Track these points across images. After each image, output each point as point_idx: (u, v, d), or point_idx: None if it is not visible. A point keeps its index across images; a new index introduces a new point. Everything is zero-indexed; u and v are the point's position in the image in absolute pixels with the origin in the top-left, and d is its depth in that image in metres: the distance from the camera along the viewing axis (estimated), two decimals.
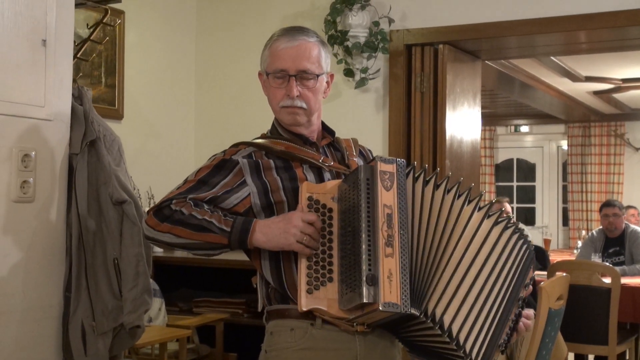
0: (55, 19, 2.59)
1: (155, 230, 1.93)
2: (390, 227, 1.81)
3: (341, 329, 1.93)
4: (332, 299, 1.86)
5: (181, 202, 1.93)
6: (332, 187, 1.95)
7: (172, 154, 4.88)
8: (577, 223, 10.21)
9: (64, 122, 2.63)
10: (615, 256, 6.03)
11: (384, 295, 1.75)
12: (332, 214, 1.92)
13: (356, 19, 4.39)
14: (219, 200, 1.96)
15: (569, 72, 7.25)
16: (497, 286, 1.92)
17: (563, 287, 3.66)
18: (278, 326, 1.99)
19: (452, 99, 4.44)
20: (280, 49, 2.03)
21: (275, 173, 2.00)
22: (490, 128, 10.88)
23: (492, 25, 4.28)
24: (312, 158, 2.04)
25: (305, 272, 1.87)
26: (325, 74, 2.08)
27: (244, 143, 2.08)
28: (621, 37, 4.41)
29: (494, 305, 1.90)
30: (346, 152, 2.14)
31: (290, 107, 2.04)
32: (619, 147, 10.15)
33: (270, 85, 2.06)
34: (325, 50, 2.09)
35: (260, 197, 1.98)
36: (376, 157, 1.89)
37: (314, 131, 2.11)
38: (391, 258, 1.78)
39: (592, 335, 4.95)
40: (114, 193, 2.63)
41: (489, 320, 1.89)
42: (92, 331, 2.59)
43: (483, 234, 1.94)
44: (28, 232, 2.52)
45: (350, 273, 1.81)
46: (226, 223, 1.90)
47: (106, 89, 4.38)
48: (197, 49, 5.05)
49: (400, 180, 1.87)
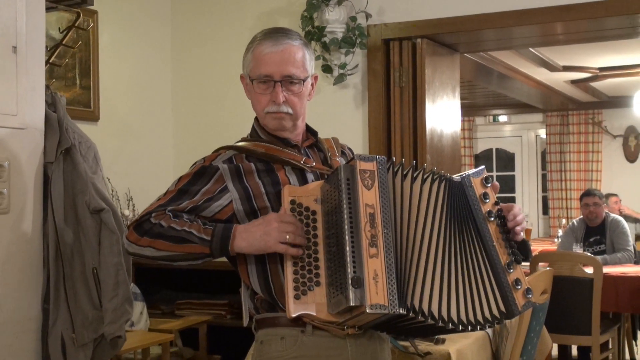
0: (26, 25, 2.53)
1: (136, 245, 1.91)
2: (373, 226, 1.79)
3: (332, 333, 1.91)
4: (321, 303, 1.84)
5: (160, 215, 1.91)
6: (314, 188, 1.93)
7: (150, 155, 4.82)
8: (557, 211, 10.26)
9: (38, 130, 2.57)
10: (596, 245, 6.06)
11: (370, 297, 1.72)
12: (316, 217, 1.89)
13: (333, 15, 4.35)
14: (200, 209, 1.94)
15: (547, 62, 7.26)
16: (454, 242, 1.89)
17: (547, 282, 3.66)
18: (268, 335, 1.97)
19: (431, 93, 4.41)
20: (265, 54, 2.00)
21: (257, 177, 1.98)
22: (469, 119, 10.89)
23: (470, 19, 4.26)
24: (293, 159, 2.01)
25: (292, 278, 1.85)
26: (310, 77, 2.06)
27: (224, 147, 2.05)
28: (598, 28, 4.41)
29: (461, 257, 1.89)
30: (328, 152, 2.12)
31: (276, 112, 2.01)
32: (597, 135, 10.20)
33: (254, 90, 2.04)
34: (309, 52, 2.07)
35: (242, 203, 1.96)
36: (356, 156, 1.86)
37: (299, 134, 2.10)
38: (376, 258, 1.76)
39: (575, 325, 4.97)
40: (91, 201, 2.58)
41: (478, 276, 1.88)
42: (72, 343, 2.54)
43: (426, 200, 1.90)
44: (3, 244, 2.46)
45: (337, 276, 1.80)
46: (206, 232, 1.88)
47: (81, 90, 4.30)
48: (173, 47, 4.98)
49: (382, 178, 1.85)
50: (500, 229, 1.94)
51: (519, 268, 1.92)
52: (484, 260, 1.91)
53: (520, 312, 1.89)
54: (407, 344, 2.88)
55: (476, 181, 1.97)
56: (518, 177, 11.09)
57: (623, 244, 5.89)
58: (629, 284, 5.15)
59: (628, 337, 6.06)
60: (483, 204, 1.94)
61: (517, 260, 1.92)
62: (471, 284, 1.88)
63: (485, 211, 1.94)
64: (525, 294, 1.90)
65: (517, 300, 1.89)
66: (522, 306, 1.89)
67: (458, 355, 2.91)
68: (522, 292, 1.89)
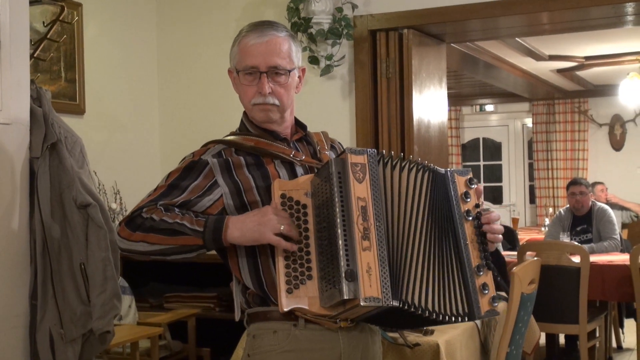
0: (9, 19, 2.50)
1: (128, 240, 1.91)
2: (365, 219, 1.79)
3: (324, 327, 1.92)
4: (313, 296, 1.84)
5: (152, 209, 1.91)
6: (305, 182, 1.92)
7: (137, 147, 4.79)
8: (544, 200, 10.30)
9: (23, 126, 2.55)
10: (583, 234, 6.08)
11: (364, 290, 1.73)
12: (307, 210, 1.89)
13: (319, 6, 4.33)
14: (191, 204, 1.94)
15: (533, 51, 7.28)
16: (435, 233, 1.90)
17: (535, 271, 3.67)
18: (260, 329, 1.97)
19: (418, 84, 4.41)
20: (250, 45, 1.99)
21: (246, 171, 1.97)
22: (456, 108, 10.90)
23: (456, 9, 4.26)
24: (282, 153, 2.01)
25: (283, 272, 1.85)
26: (296, 69, 2.05)
27: (213, 141, 2.04)
28: (583, 18, 4.42)
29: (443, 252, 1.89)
30: (318, 146, 2.12)
31: (263, 104, 2.01)
32: (583, 123, 10.24)
33: (241, 82, 2.03)
34: (295, 44, 2.06)
35: (233, 197, 1.96)
36: (346, 149, 1.86)
37: (287, 127, 2.09)
38: (369, 251, 1.76)
39: (562, 314, 5.00)
40: (78, 196, 2.56)
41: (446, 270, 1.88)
42: (60, 339, 2.53)
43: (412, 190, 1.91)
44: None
45: (329, 269, 1.80)
46: (198, 223, 1.88)
47: (66, 84, 4.27)
48: (159, 39, 4.95)
49: (373, 171, 1.85)
50: (476, 231, 1.93)
51: (490, 274, 1.91)
52: (455, 258, 1.91)
53: (482, 317, 1.88)
54: (396, 336, 2.89)
55: (460, 179, 1.97)
56: (505, 166, 11.12)
57: (609, 233, 5.93)
58: (615, 273, 5.18)
59: (615, 325, 6.11)
60: (463, 202, 1.94)
61: (489, 266, 1.91)
62: (443, 279, 1.88)
63: (464, 210, 1.94)
64: (491, 301, 1.88)
65: (481, 305, 1.88)
66: (485, 312, 1.87)
67: (447, 346, 2.92)
68: (488, 298, 1.88)
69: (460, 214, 1.93)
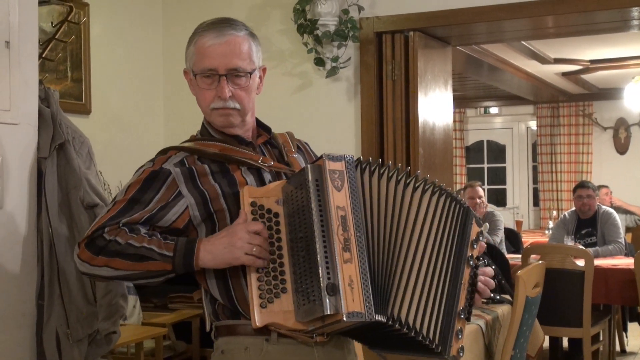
0: (19, 20, 2.51)
1: (90, 264, 1.77)
2: (345, 230, 1.68)
3: (298, 340, 1.80)
4: (288, 310, 1.74)
5: (114, 230, 1.77)
6: (275, 188, 1.81)
7: (142, 147, 4.80)
8: (548, 203, 10.29)
9: (31, 126, 2.55)
10: (588, 237, 6.09)
11: (347, 304, 1.63)
12: (279, 219, 1.78)
13: (325, 7, 4.34)
14: (155, 219, 1.81)
15: (538, 54, 7.28)
16: (440, 257, 1.80)
17: (539, 275, 3.68)
18: (230, 344, 1.85)
19: (423, 86, 4.42)
20: (208, 46, 1.89)
21: (212, 179, 1.85)
22: (460, 110, 10.90)
23: (462, 12, 4.26)
24: (250, 159, 1.90)
25: (256, 285, 1.74)
26: (257, 69, 1.94)
27: (173, 148, 1.93)
28: (589, 21, 4.43)
29: (441, 277, 1.79)
30: (284, 148, 2.01)
31: (223, 108, 1.89)
32: (588, 126, 10.23)
33: (198, 85, 1.92)
34: (255, 44, 1.95)
35: (199, 208, 1.84)
36: (323, 155, 1.74)
37: (249, 130, 1.98)
38: (350, 263, 1.66)
39: (566, 317, 5.00)
40: (85, 197, 2.57)
41: (438, 295, 1.78)
42: (66, 339, 2.53)
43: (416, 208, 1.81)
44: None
45: (306, 282, 1.69)
46: (167, 247, 1.76)
47: (72, 83, 4.28)
48: (164, 39, 4.96)
49: (351, 178, 1.74)
50: (470, 280, 1.84)
51: (466, 324, 1.84)
52: (449, 291, 1.81)
53: (446, 357, 1.79)
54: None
55: (475, 227, 1.87)
56: (509, 168, 11.12)
57: (614, 236, 5.93)
58: (619, 276, 5.19)
59: (618, 329, 6.11)
60: (471, 248, 1.85)
61: (467, 317, 1.83)
62: (433, 304, 1.78)
63: (469, 254, 1.84)
64: (459, 350, 1.81)
65: (453, 346, 1.80)
66: (451, 355, 1.80)
67: None
68: (458, 345, 1.81)
69: (465, 257, 1.83)
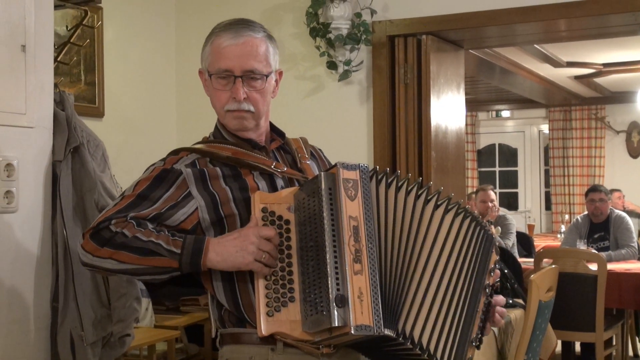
0: (34, 23, 2.52)
1: (93, 256, 1.73)
2: (357, 240, 1.65)
3: (304, 351, 1.75)
4: (295, 320, 1.71)
5: (122, 222, 1.73)
6: (287, 195, 1.78)
7: (155, 150, 4.77)
8: (560, 207, 10.27)
9: (47, 129, 2.57)
10: (600, 241, 6.06)
11: (356, 317, 1.60)
12: (290, 227, 1.75)
13: (338, 11, 4.34)
14: (163, 217, 1.78)
15: (550, 58, 7.26)
16: (460, 281, 1.78)
17: (552, 279, 3.67)
18: (235, 353, 1.82)
19: (436, 90, 4.41)
20: (224, 47, 1.86)
21: (223, 182, 1.82)
22: (472, 114, 10.89)
23: (475, 15, 4.26)
24: (263, 164, 1.86)
25: (264, 293, 1.71)
26: (273, 72, 1.91)
27: (185, 149, 1.91)
28: (602, 25, 4.41)
29: (460, 302, 1.77)
30: (298, 154, 1.98)
31: (237, 110, 1.87)
32: (600, 130, 10.20)
33: (213, 86, 1.89)
34: (273, 46, 1.92)
35: (209, 211, 1.80)
36: (337, 164, 1.71)
37: (262, 134, 1.95)
38: (360, 275, 1.63)
39: (579, 322, 4.98)
40: (100, 200, 2.58)
41: (455, 320, 1.76)
42: (81, 341, 2.54)
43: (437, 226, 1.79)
44: (12, 243, 2.45)
45: (315, 292, 1.66)
46: (175, 244, 1.72)
47: (86, 87, 4.30)
48: (177, 43, 4.98)
49: (365, 188, 1.71)
50: (484, 308, 1.82)
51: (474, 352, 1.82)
52: (466, 317, 1.78)
53: None
54: None
55: (494, 255, 1.85)
56: (521, 172, 11.10)
57: (627, 240, 5.90)
58: (632, 281, 5.17)
59: (631, 333, 6.08)
60: (488, 275, 1.83)
61: (478, 346, 1.81)
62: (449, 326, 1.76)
63: (485, 283, 1.82)
64: None
65: None
66: None
67: None
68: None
69: (484, 284, 1.81)
